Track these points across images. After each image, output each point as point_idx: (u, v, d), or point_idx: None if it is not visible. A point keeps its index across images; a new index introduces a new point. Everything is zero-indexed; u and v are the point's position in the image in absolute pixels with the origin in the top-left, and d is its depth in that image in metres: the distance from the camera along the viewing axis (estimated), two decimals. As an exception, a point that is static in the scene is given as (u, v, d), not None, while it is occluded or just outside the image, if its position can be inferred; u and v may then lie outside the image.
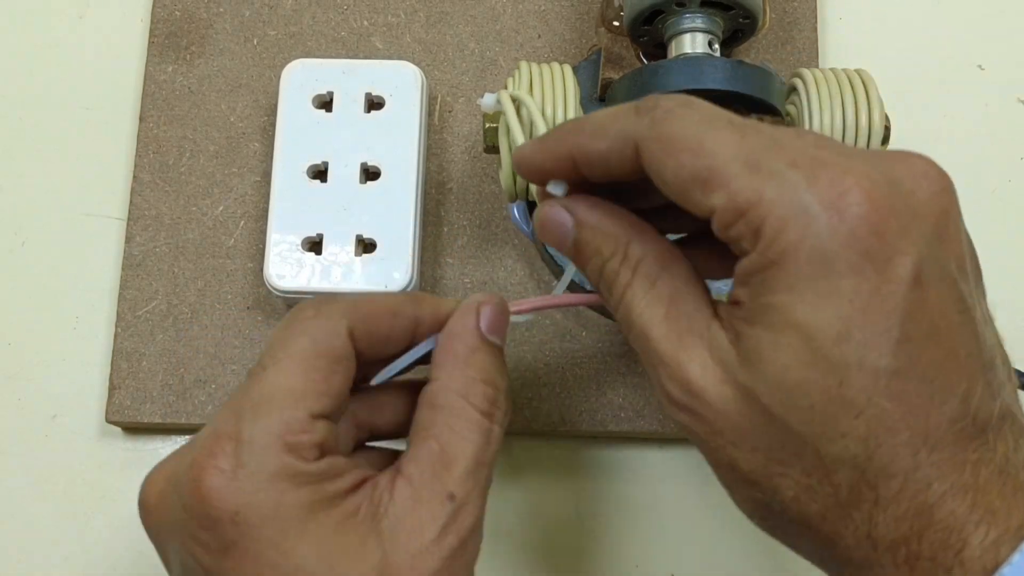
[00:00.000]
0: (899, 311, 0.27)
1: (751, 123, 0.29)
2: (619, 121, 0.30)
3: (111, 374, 0.46)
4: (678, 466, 0.47)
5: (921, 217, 0.27)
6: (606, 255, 0.32)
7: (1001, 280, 0.49)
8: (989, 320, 0.30)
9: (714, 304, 0.30)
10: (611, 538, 0.46)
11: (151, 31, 0.51)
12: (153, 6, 0.51)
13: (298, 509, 0.30)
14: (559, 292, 0.37)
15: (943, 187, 0.28)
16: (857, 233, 0.27)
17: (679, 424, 0.31)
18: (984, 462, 0.27)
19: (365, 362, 0.34)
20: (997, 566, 0.26)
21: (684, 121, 0.29)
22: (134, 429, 0.47)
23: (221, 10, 0.51)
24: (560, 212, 0.32)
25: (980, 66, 0.52)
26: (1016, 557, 0.26)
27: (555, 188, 0.32)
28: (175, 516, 0.30)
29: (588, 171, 0.31)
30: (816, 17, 0.50)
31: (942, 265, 0.28)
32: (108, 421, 0.46)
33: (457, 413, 0.32)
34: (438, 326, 0.34)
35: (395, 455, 0.34)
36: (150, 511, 0.32)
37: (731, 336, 0.29)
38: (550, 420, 0.46)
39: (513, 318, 0.35)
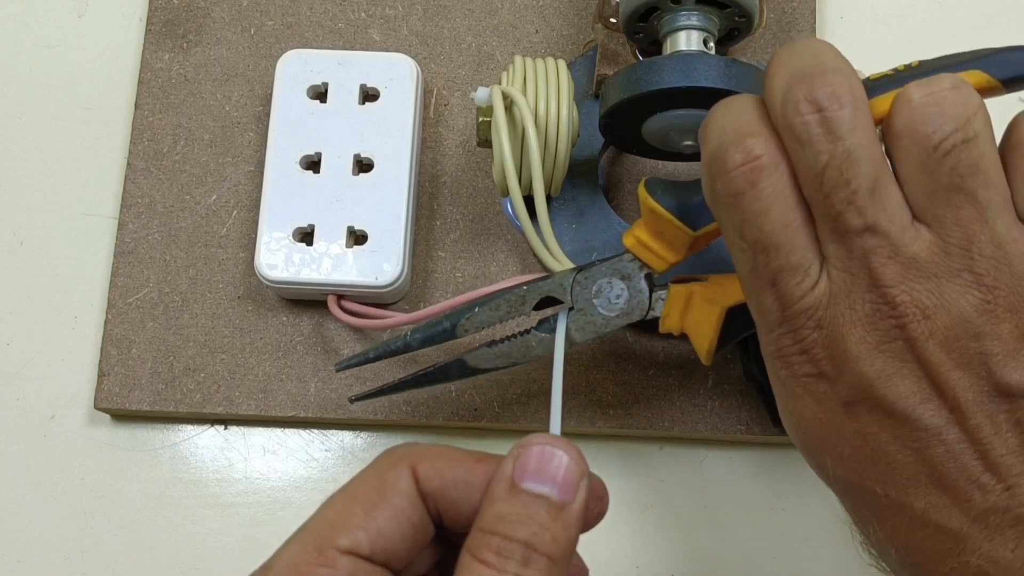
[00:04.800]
0: None
1: None
2: None
3: (100, 361, 0.46)
4: (679, 465, 0.47)
5: None
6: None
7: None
8: None
9: None
10: (611, 538, 0.46)
11: (148, 19, 0.51)
12: (151, -6, 0.51)
13: None
14: (559, 335, 0.38)
15: None
16: None
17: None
18: None
19: (449, 516, 0.31)
20: None
21: None
22: (125, 418, 0.47)
23: (219, -1, 0.51)
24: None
25: (981, 68, 0.51)
26: None
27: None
28: None
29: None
30: (815, 17, 0.50)
31: None
32: (97, 408, 0.46)
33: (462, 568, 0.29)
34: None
35: None
36: None
37: None
38: (539, 416, 0.46)
39: None
